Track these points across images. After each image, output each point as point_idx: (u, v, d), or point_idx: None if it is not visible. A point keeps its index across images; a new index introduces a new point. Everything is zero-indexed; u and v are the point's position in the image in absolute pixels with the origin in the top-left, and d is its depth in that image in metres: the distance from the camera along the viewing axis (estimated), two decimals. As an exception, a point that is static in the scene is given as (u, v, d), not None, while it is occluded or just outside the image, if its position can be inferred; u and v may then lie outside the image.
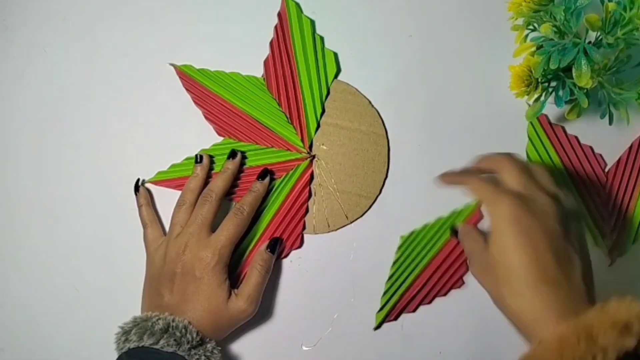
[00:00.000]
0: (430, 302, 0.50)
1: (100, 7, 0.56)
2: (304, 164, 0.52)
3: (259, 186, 0.50)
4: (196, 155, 0.51)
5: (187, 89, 0.54)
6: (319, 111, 0.53)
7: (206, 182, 0.51)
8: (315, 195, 0.52)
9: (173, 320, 0.44)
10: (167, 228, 0.51)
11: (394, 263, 0.51)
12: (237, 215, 0.48)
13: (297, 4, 0.55)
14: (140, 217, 0.51)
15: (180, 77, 0.54)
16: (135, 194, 0.52)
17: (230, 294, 0.46)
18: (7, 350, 0.51)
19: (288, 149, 0.53)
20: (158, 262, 0.47)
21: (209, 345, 0.44)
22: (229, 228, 0.47)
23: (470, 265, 0.44)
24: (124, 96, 0.54)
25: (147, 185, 0.53)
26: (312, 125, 0.53)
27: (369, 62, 0.54)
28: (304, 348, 0.50)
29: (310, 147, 0.53)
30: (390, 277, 0.50)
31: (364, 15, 0.55)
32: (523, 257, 0.37)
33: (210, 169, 0.52)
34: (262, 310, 0.51)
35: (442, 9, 0.55)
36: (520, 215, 0.38)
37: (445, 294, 0.50)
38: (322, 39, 0.54)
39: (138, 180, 0.52)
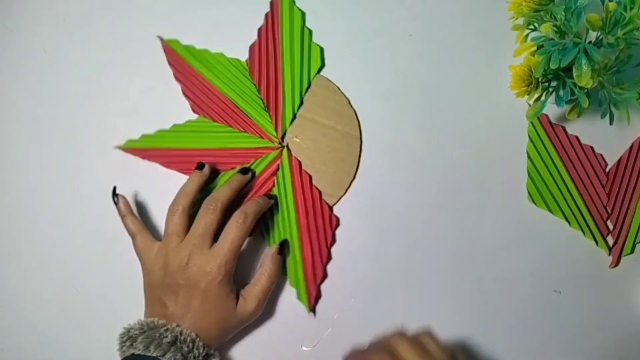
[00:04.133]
0: (328, 257, 0.51)
1: (100, 8, 0.56)
2: (274, 153, 0.52)
3: (262, 201, 0.49)
4: (198, 163, 0.51)
5: (169, 63, 0.54)
6: (297, 103, 0.53)
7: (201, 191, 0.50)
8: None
9: (181, 334, 0.43)
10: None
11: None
12: (239, 222, 0.46)
13: None
14: (125, 227, 0.49)
15: (165, 51, 0.55)
16: (116, 206, 0.50)
17: (237, 300, 0.46)
18: (7, 350, 0.51)
19: (260, 136, 0.52)
20: (158, 272, 0.46)
21: None
22: (233, 239, 0.46)
23: None
24: (123, 96, 0.54)
25: (117, 151, 0.53)
26: (288, 116, 0.53)
27: (370, 61, 0.54)
28: (304, 348, 0.50)
29: (283, 137, 0.53)
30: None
31: (365, 15, 0.55)
32: None
33: (210, 180, 0.51)
34: (263, 311, 0.51)
35: (442, 9, 0.55)
36: None
37: (333, 241, 0.51)
38: (310, 32, 0.54)
39: (114, 189, 0.50)
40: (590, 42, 0.44)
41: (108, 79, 0.55)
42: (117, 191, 0.51)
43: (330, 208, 0.52)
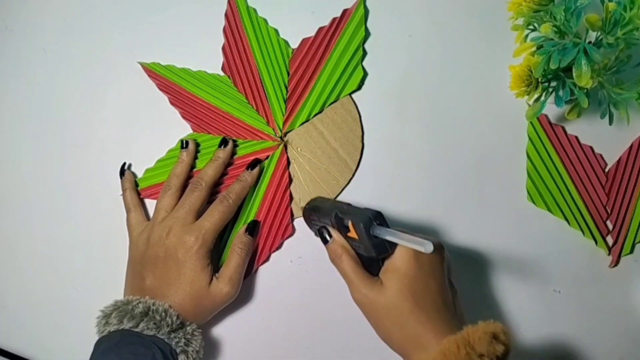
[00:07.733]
0: (267, 259, 0.51)
1: (100, 7, 0.56)
2: (278, 150, 0.52)
3: (247, 176, 0.50)
4: (181, 141, 0.52)
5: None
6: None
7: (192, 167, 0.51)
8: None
9: (153, 304, 0.44)
10: (151, 214, 0.52)
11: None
12: (223, 202, 0.48)
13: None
14: (124, 201, 0.51)
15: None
16: (121, 178, 0.52)
17: (212, 278, 0.47)
18: (7, 350, 0.51)
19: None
20: (141, 245, 0.48)
21: (188, 328, 0.45)
22: (214, 215, 0.47)
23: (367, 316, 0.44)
24: (122, 96, 0.54)
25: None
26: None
27: (369, 62, 0.54)
28: (304, 348, 0.50)
29: (286, 134, 0.53)
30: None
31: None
32: (408, 300, 0.41)
33: (196, 154, 0.52)
34: (263, 311, 0.51)
35: (442, 8, 0.55)
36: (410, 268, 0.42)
37: (278, 247, 0.51)
38: (362, 55, 0.54)
39: (124, 164, 0.53)
40: (590, 42, 0.44)
41: (108, 78, 0.55)
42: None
43: (292, 217, 0.52)
